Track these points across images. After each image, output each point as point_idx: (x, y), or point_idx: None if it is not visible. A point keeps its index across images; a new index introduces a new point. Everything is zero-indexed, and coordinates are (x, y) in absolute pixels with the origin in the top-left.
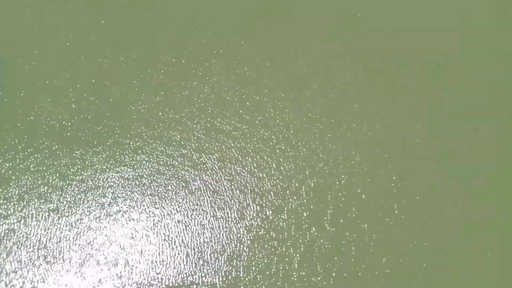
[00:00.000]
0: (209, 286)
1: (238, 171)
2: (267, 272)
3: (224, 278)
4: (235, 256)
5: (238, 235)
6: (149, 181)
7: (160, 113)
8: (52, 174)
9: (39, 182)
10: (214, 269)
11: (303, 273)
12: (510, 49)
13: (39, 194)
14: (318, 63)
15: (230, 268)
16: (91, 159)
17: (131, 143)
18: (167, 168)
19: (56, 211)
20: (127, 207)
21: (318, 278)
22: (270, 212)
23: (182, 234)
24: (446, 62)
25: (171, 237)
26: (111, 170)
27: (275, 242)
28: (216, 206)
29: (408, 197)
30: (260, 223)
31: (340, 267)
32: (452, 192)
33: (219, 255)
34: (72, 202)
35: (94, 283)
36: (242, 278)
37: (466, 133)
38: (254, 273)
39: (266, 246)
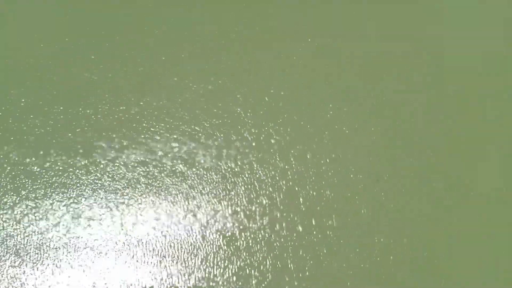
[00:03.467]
0: None
1: (213, 177)
2: (241, 273)
3: (200, 280)
4: (210, 258)
5: (213, 238)
6: (124, 187)
7: (134, 124)
8: (25, 178)
9: (12, 187)
10: (189, 272)
11: (275, 273)
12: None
13: (12, 201)
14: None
15: (205, 269)
16: (66, 167)
17: (105, 152)
18: (143, 176)
19: (30, 217)
20: (102, 215)
21: (293, 276)
22: (243, 215)
23: (158, 239)
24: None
25: (147, 243)
26: (87, 179)
27: (251, 243)
28: (191, 211)
29: (379, 199)
30: (234, 226)
31: (311, 267)
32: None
33: (194, 257)
34: (46, 209)
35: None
36: (217, 280)
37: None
38: (229, 275)
39: (241, 248)
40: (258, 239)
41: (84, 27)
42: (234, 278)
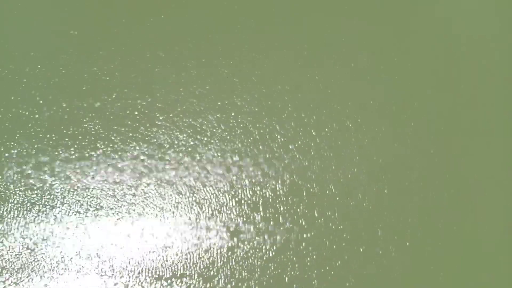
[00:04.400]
0: (189, 281)
1: (217, 170)
2: (243, 264)
3: (202, 270)
4: (212, 250)
5: (216, 230)
6: (129, 179)
7: (140, 118)
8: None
9: (22, 182)
10: (193, 266)
11: (277, 265)
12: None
13: (21, 195)
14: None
15: (207, 261)
16: (72, 160)
17: (112, 145)
18: (148, 170)
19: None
20: (107, 209)
21: (295, 267)
22: (248, 208)
23: (161, 233)
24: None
25: (150, 235)
26: (94, 171)
27: (254, 235)
28: (195, 203)
29: (381, 194)
30: (237, 219)
31: (313, 260)
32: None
33: (197, 248)
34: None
35: (75, 276)
36: (219, 271)
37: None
38: (231, 265)
39: (244, 240)
40: (261, 231)
41: (86, 25)
42: (237, 268)
